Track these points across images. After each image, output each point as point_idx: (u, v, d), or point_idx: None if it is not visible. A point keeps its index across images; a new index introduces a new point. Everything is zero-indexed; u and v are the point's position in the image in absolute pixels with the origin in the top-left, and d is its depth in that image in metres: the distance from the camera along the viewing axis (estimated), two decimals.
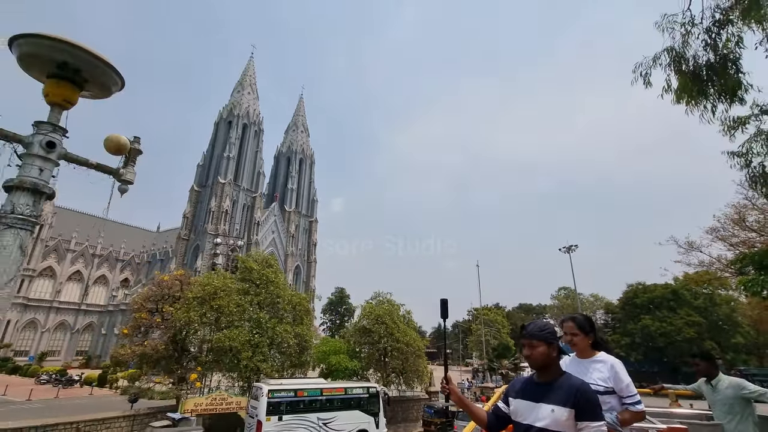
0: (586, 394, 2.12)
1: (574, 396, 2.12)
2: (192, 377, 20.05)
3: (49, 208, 71.13)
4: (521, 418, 2.27)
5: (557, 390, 2.18)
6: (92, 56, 4.84)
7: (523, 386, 2.37)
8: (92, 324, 73.34)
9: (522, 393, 2.33)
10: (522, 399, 2.31)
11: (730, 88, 5.30)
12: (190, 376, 19.94)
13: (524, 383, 2.39)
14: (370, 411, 19.61)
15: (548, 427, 2.13)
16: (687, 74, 5.91)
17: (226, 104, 75.84)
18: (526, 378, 2.43)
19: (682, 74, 5.96)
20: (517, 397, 2.34)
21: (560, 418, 2.11)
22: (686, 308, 42.47)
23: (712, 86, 5.54)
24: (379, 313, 26.04)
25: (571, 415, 2.10)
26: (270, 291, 23.99)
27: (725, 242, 21.12)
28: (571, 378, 2.24)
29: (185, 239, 65.30)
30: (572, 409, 2.10)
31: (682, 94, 5.84)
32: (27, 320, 65.98)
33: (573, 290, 61.18)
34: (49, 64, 4.86)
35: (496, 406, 2.51)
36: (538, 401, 2.21)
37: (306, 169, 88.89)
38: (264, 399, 16.87)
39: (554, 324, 2.02)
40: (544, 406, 2.18)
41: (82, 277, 74.41)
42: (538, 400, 2.22)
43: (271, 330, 22.03)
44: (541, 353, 2.24)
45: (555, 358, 2.28)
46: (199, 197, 68.50)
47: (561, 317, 2.80)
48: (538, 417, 2.18)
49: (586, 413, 2.08)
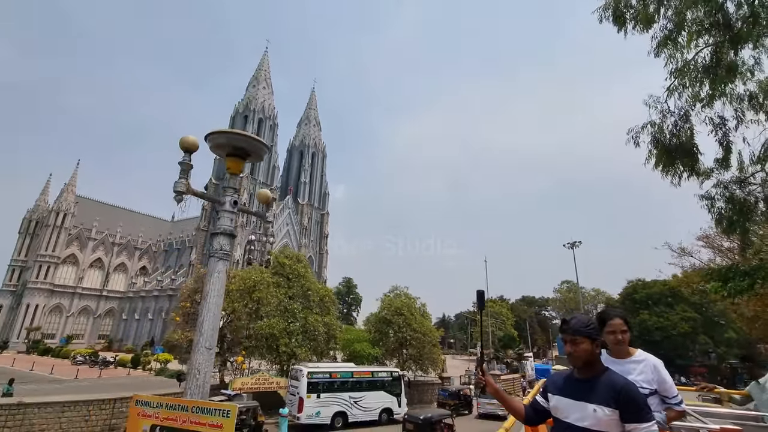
0: (631, 394, 2.02)
1: (617, 395, 2.02)
2: (239, 359, 22.77)
3: (72, 197, 74.13)
4: (562, 416, 2.21)
5: (599, 388, 2.10)
6: (256, 141, 7.24)
7: (563, 382, 2.30)
8: (113, 309, 76.88)
9: (562, 390, 2.26)
10: (562, 396, 2.24)
11: (690, 166, 7.60)
12: (237, 358, 22.65)
13: (564, 379, 2.32)
14: (394, 392, 22.30)
15: (591, 428, 2.06)
16: (663, 148, 8.25)
17: (241, 99, 78.09)
18: (565, 374, 2.36)
19: (659, 147, 8.30)
20: (557, 394, 2.28)
21: (603, 418, 2.03)
22: (682, 304, 44.86)
23: (679, 161, 7.85)
24: (398, 306, 28.61)
25: (614, 416, 2.01)
26: (301, 284, 26.65)
27: (714, 249, 23.32)
28: (614, 376, 2.15)
29: (204, 230, 68.28)
30: (616, 409, 2.01)
31: (659, 162, 8.17)
32: (53, 305, 69.46)
33: (575, 284, 63.71)
34: (229, 147, 7.29)
35: (535, 400, 2.47)
36: (579, 399, 2.14)
37: (318, 162, 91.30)
38: (304, 379, 19.57)
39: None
40: (586, 405, 2.10)
41: (103, 265, 77.69)
42: (579, 398, 2.15)
43: (303, 319, 24.70)
44: (585, 350, 2.15)
45: (597, 355, 2.19)
46: (217, 190, 71.14)
47: (601, 311, 2.74)
48: (580, 416, 2.11)
49: (633, 414, 1.99)
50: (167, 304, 68.01)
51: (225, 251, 6.94)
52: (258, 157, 7.83)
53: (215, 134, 7.18)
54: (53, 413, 16.99)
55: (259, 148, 7.53)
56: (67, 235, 72.24)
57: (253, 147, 7.55)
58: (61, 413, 17.12)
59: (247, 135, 7.14)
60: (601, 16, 9.01)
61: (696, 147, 7.61)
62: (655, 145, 8.14)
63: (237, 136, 7.17)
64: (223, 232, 7.05)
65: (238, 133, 7.22)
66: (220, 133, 7.19)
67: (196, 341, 6.25)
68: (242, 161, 7.67)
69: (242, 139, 7.20)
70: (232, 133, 7.16)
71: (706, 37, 8.16)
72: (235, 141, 7.30)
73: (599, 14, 9.05)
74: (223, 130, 7.21)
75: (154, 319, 69.12)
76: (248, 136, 7.15)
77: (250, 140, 7.26)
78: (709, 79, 7.01)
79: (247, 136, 7.15)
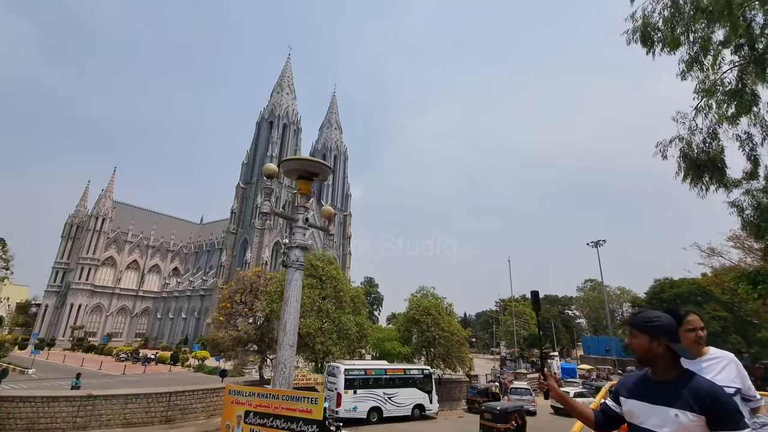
0: (720, 399, 1.82)
1: (703, 400, 1.83)
2: None
3: (109, 203, 78.00)
4: (638, 421, 2.06)
5: (681, 391, 1.92)
6: (324, 165, 8.34)
7: (636, 385, 2.15)
8: (148, 309, 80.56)
9: (636, 393, 2.11)
10: (636, 399, 2.10)
11: (718, 179, 8.26)
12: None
13: (637, 381, 2.17)
14: (425, 389, 23.21)
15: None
16: (691, 162, 8.92)
17: (266, 105, 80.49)
18: (638, 375, 2.21)
19: (688, 162, 8.98)
20: (631, 397, 2.13)
21: (687, 424, 1.85)
22: (713, 303, 44.08)
23: (707, 174, 8.51)
24: (426, 306, 29.51)
25: (699, 422, 1.82)
26: (333, 285, 27.85)
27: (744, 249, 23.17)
28: (696, 378, 1.95)
29: (233, 233, 70.86)
30: (701, 414, 1.82)
31: (687, 176, 8.85)
32: (94, 305, 73.42)
33: (600, 283, 63.04)
34: (300, 171, 8.41)
35: (605, 404, 2.33)
36: (657, 403, 1.99)
37: (340, 164, 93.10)
38: (342, 376, 20.72)
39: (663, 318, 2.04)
40: (667, 410, 1.93)
41: (138, 266, 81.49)
42: (655, 401, 2.00)
43: (337, 319, 25.89)
44: (639, 345, 2.04)
45: (660, 355, 2.00)
46: (245, 193, 73.80)
47: (672, 309, 2.43)
48: (659, 422, 1.94)
49: (724, 421, 1.78)
50: (199, 304, 70.86)
51: (300, 262, 8.07)
52: (323, 178, 8.95)
53: (289, 161, 8.33)
54: (118, 405, 18.66)
55: (324, 170, 8.66)
56: (106, 238, 76.21)
57: (321, 170, 8.68)
58: (125, 405, 18.77)
59: (316, 160, 8.26)
60: (629, 38, 9.73)
61: (724, 162, 8.25)
62: (684, 160, 8.81)
63: (308, 162, 8.31)
64: (298, 245, 8.18)
65: (310, 160, 8.36)
66: (294, 160, 8.34)
67: (281, 340, 7.43)
68: (310, 182, 8.82)
69: (312, 164, 8.32)
70: (305, 160, 8.31)
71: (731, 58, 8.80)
72: (307, 166, 8.43)
73: (627, 36, 9.77)
74: (297, 158, 8.37)
75: (187, 318, 72.10)
76: (317, 162, 8.26)
77: (318, 165, 8.37)
78: (735, 102, 7.66)
79: (316, 161, 8.26)
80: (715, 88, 8.23)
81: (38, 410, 17.46)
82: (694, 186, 8.66)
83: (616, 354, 55.31)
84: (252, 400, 7.59)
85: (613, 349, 54.16)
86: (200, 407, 20.73)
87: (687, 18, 8.73)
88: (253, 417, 7.07)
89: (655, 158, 9.53)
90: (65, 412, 17.69)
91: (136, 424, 18.70)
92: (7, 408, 17.18)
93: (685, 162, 9.02)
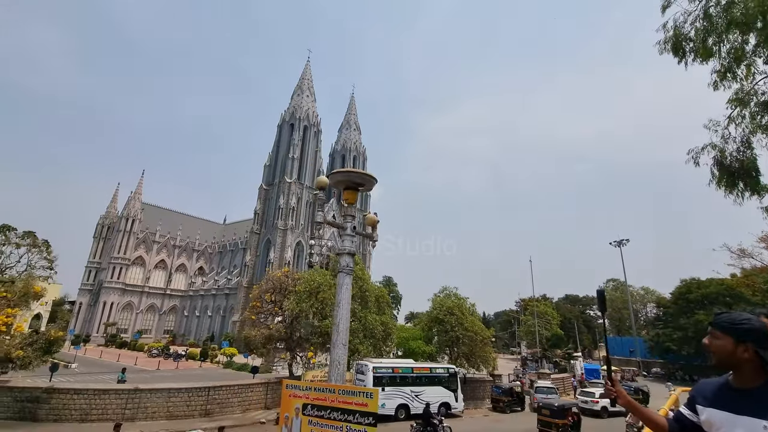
0: None
1: None
2: (309, 354, 25.05)
3: (138, 204, 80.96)
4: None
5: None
6: (369, 176, 8.96)
7: (716, 393, 1.93)
8: (175, 307, 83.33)
9: (716, 401, 1.90)
10: (716, 408, 1.88)
11: (752, 187, 8.50)
12: (308, 353, 24.95)
13: (717, 388, 1.95)
14: (451, 387, 23.69)
15: None
16: (725, 168, 9.17)
17: (287, 107, 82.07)
18: (717, 382, 1.99)
19: (721, 168, 9.23)
20: (710, 406, 1.91)
21: None
22: (743, 304, 43.00)
23: (741, 181, 8.75)
24: (449, 306, 29.94)
25: None
26: (359, 285, 28.55)
27: None
28: None
29: (257, 233, 72.66)
30: None
31: (721, 182, 9.10)
32: (125, 302, 76.51)
33: (623, 282, 62.00)
34: (347, 182, 9.05)
35: (680, 413, 2.11)
36: (742, 414, 1.76)
37: (359, 165, 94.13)
38: (370, 374, 21.39)
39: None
40: (755, 422, 1.70)
41: (166, 265, 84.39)
42: (739, 411, 1.78)
43: (363, 318, 26.58)
44: (722, 348, 1.83)
45: (746, 360, 1.78)
46: (268, 195, 75.49)
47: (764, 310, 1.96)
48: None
49: None
50: (224, 303, 72.95)
51: (350, 267, 8.69)
52: (368, 188, 9.58)
53: (337, 173, 8.97)
54: (162, 398, 19.84)
55: (369, 180, 9.27)
56: (135, 238, 79.24)
57: (367, 181, 9.30)
58: (168, 398, 19.95)
59: (362, 172, 8.86)
60: (661, 49, 10.00)
61: (758, 170, 8.49)
62: (718, 167, 9.07)
63: (355, 174, 8.93)
64: (347, 252, 8.83)
65: (356, 172, 8.96)
66: (341, 172, 8.97)
67: (334, 339, 8.09)
68: (356, 192, 9.45)
69: (358, 175, 8.94)
70: (351, 172, 8.91)
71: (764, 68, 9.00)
72: (353, 178, 9.05)
73: (660, 47, 10.04)
74: (344, 170, 8.98)
75: (212, 316, 74.29)
76: (363, 173, 8.86)
77: (363, 176, 8.99)
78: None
79: (362, 173, 8.86)
80: (749, 98, 8.47)
81: (90, 402, 18.78)
82: (729, 193, 8.90)
83: (641, 355, 54.40)
84: (309, 393, 8.24)
85: (638, 351, 53.31)
86: (236, 401, 21.78)
87: (720, 29, 8.99)
88: (311, 409, 7.72)
89: (684, 160, 9.80)
90: (115, 404, 18.96)
91: (178, 416, 19.83)
92: (63, 399, 18.57)
93: (719, 169, 9.26)
